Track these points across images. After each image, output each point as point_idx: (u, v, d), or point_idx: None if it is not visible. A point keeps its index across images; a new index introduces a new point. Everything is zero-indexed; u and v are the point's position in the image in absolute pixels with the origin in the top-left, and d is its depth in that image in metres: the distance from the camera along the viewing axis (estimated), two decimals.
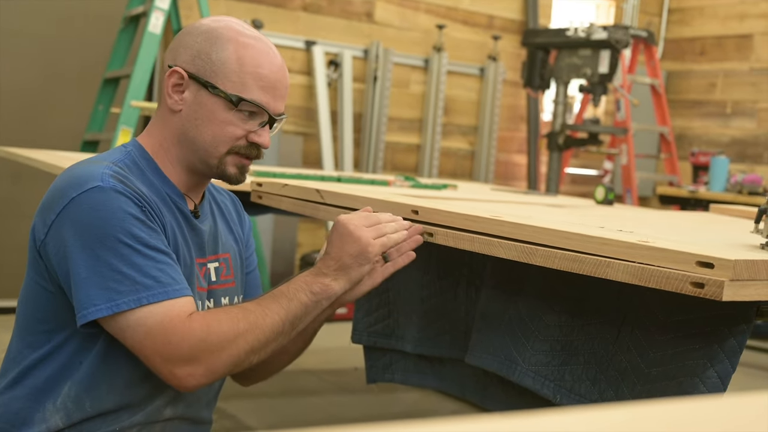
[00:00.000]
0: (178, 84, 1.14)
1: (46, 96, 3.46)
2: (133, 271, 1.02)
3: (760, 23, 4.70)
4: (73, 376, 1.08)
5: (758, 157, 4.68)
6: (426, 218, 1.32)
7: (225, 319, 1.04)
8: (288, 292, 1.09)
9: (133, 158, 1.14)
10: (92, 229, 1.03)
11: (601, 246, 1.04)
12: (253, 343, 1.04)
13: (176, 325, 1.02)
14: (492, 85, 4.42)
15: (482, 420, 0.37)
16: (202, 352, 1.02)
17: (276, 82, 1.15)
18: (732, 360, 0.99)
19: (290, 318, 1.07)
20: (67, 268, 1.04)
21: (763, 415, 0.42)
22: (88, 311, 1.02)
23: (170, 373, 1.02)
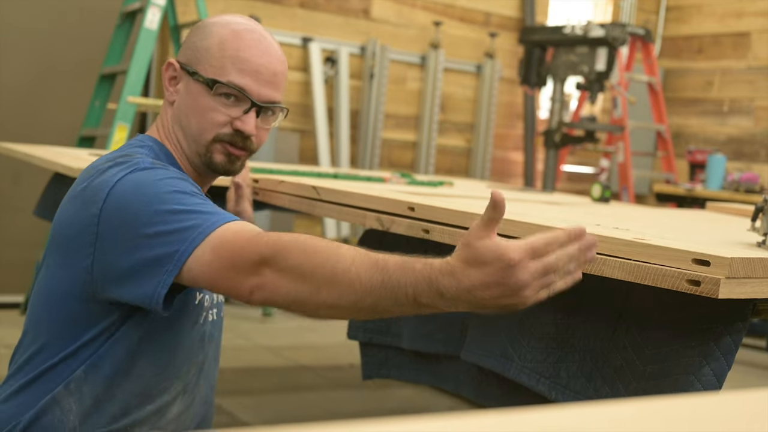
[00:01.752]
0: (173, 77, 1.15)
1: (42, 91, 3.45)
2: (194, 206, 0.97)
3: (758, 21, 4.70)
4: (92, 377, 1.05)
5: (755, 155, 4.68)
6: (422, 215, 1.32)
7: (304, 240, 0.91)
8: (392, 272, 0.86)
9: (156, 153, 1.13)
10: (141, 198, 0.99)
11: (598, 243, 1.04)
12: (322, 287, 0.88)
13: (241, 234, 0.94)
14: (489, 82, 4.42)
15: (478, 416, 0.37)
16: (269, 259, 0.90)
17: (258, 65, 1.12)
18: (728, 358, 0.99)
19: (373, 298, 0.86)
20: (126, 249, 0.98)
21: (758, 413, 0.42)
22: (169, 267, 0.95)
23: (237, 283, 0.92)
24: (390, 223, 1.37)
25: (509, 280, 0.81)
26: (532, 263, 0.82)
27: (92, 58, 3.43)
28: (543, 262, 0.82)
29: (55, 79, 3.47)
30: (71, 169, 1.93)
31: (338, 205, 1.48)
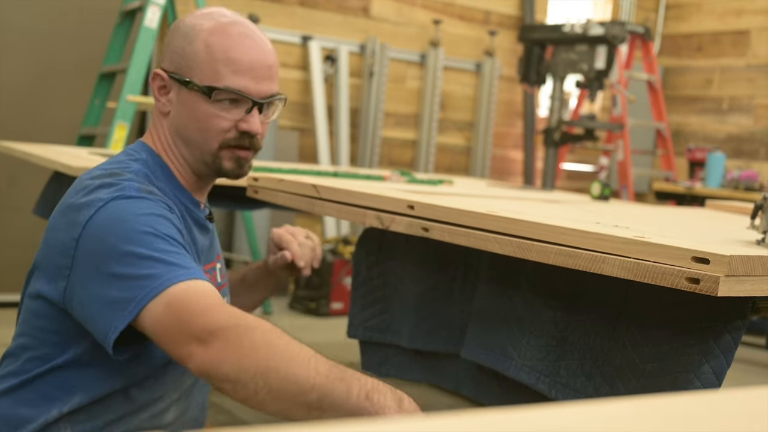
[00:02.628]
0: (162, 86, 1.12)
1: (41, 90, 3.45)
2: (161, 254, 0.94)
3: (757, 19, 4.70)
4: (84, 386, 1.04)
5: (754, 153, 4.68)
6: (422, 213, 1.32)
7: (267, 328, 0.90)
8: (348, 372, 0.89)
9: (149, 166, 1.10)
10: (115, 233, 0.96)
11: (597, 241, 1.04)
12: (271, 369, 0.87)
13: (199, 300, 0.91)
14: (488, 80, 4.42)
15: (477, 415, 0.37)
16: (223, 332, 0.88)
17: (252, 63, 1.08)
18: (727, 356, 0.99)
19: (323, 391, 0.87)
20: (88, 287, 0.97)
21: (758, 411, 0.42)
22: (122, 315, 0.93)
23: (183, 346, 0.90)
24: (390, 221, 1.37)
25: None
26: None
27: (92, 56, 3.43)
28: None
29: (55, 77, 3.47)
30: (71, 167, 1.93)
31: (338, 203, 1.49)
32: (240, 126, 1.10)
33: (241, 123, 1.10)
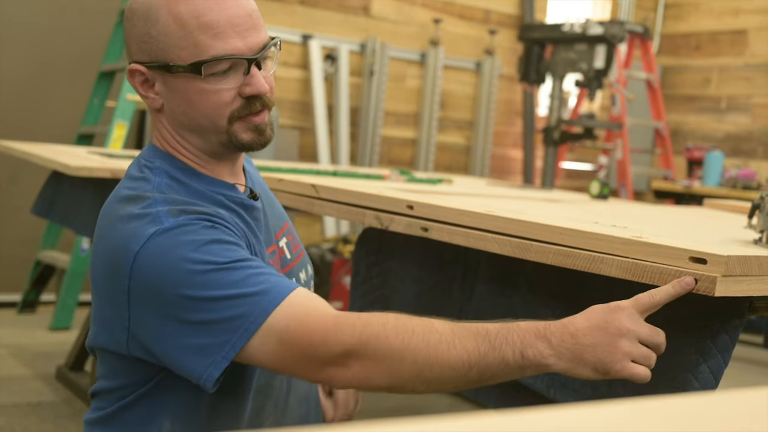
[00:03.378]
0: (144, 80, 0.99)
1: (40, 89, 3.45)
2: (238, 288, 0.87)
3: (755, 19, 4.70)
4: (171, 409, 0.96)
5: (752, 152, 4.69)
6: (421, 213, 1.32)
7: (394, 327, 0.85)
8: (493, 338, 0.86)
9: (168, 173, 0.99)
10: (171, 279, 0.87)
11: (595, 242, 1.04)
12: (424, 367, 0.84)
13: (311, 324, 0.86)
14: (488, 79, 4.42)
15: (477, 416, 0.37)
16: (356, 352, 0.84)
17: (231, 18, 0.94)
18: (724, 355, 0.99)
19: (481, 367, 0.85)
20: (161, 334, 0.89)
21: (756, 411, 0.43)
22: (216, 359, 0.87)
23: (319, 373, 0.86)
24: (389, 221, 1.38)
25: (612, 323, 0.87)
26: (639, 317, 0.88)
27: (91, 55, 3.43)
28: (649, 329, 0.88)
29: (54, 76, 3.47)
30: (69, 167, 1.93)
31: (337, 203, 1.49)
32: (244, 91, 0.97)
33: (244, 88, 0.96)
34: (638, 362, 0.86)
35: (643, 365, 0.87)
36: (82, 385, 2.34)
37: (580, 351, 0.86)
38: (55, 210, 2.35)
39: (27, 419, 2.18)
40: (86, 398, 2.31)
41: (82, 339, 2.43)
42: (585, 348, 0.86)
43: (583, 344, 0.86)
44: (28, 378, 2.50)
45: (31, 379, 2.49)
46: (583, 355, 0.86)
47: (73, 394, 2.37)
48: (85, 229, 2.23)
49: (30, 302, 3.20)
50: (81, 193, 2.23)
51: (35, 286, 3.17)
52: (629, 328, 0.87)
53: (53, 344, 2.85)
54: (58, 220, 2.39)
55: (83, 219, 2.21)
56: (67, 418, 2.21)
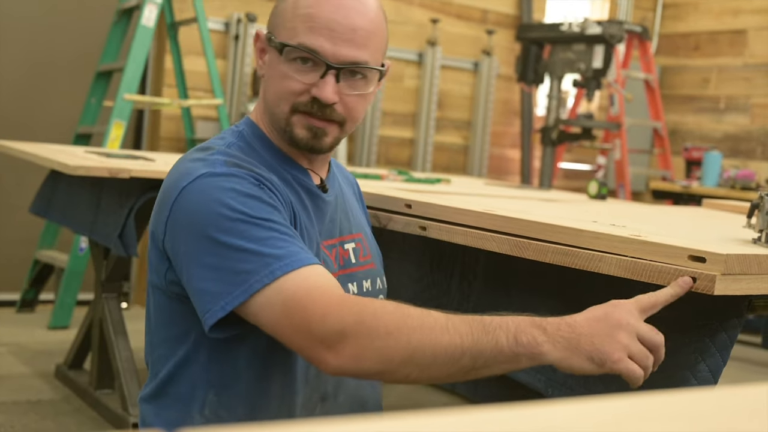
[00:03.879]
0: (261, 48, 1.05)
1: (38, 89, 3.45)
2: (257, 245, 0.88)
3: (754, 19, 4.71)
4: (214, 381, 0.98)
5: (751, 152, 4.69)
6: (419, 212, 1.32)
7: (392, 309, 0.86)
8: (487, 324, 0.85)
9: (246, 138, 1.03)
10: (202, 216, 0.91)
11: (594, 240, 1.04)
12: (416, 349, 0.83)
13: (315, 296, 0.86)
14: (486, 79, 4.42)
15: (474, 412, 0.37)
16: (351, 331, 0.84)
17: (332, 21, 0.97)
18: (723, 354, 0.99)
19: (474, 352, 0.84)
20: (185, 268, 0.93)
21: (754, 408, 0.43)
22: (213, 309, 0.89)
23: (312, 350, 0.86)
24: (387, 220, 1.38)
25: (611, 315, 0.86)
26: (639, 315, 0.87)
27: (89, 55, 3.42)
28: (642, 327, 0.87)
29: (52, 76, 3.47)
30: (67, 166, 1.93)
31: None
32: (312, 91, 0.99)
33: (313, 88, 0.99)
34: (635, 359, 0.85)
35: (639, 365, 0.85)
36: (81, 384, 2.34)
37: (577, 339, 0.84)
38: (53, 209, 2.34)
39: (26, 416, 2.18)
40: (85, 396, 2.31)
41: (81, 337, 2.43)
42: (581, 337, 0.84)
43: (580, 333, 0.84)
44: (27, 376, 2.49)
45: (31, 377, 2.48)
46: (580, 344, 0.84)
47: (72, 392, 2.37)
48: (82, 228, 2.22)
49: (28, 301, 3.19)
50: (79, 193, 2.23)
51: (34, 285, 3.17)
52: (629, 322, 0.86)
53: (52, 343, 2.85)
54: (56, 219, 2.39)
55: (81, 218, 2.20)
56: (66, 416, 2.21)
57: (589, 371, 0.84)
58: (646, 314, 0.89)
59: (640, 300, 0.89)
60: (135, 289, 3.60)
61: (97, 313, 2.29)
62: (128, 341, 2.22)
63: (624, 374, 0.84)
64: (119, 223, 2.03)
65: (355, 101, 1.02)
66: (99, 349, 2.26)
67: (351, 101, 1.01)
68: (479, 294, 1.35)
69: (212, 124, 3.56)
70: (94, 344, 2.29)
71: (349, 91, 1.00)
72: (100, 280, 2.27)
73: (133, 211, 2.02)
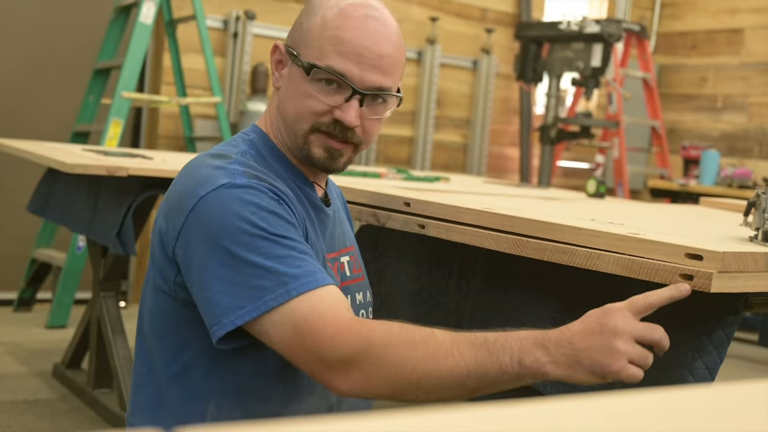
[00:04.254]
0: (279, 60, 1.06)
1: (35, 86, 3.44)
2: (274, 263, 0.89)
3: (751, 18, 4.71)
4: (216, 391, 0.98)
5: (748, 151, 4.70)
6: (418, 210, 1.32)
7: (398, 336, 0.87)
8: (491, 345, 0.86)
9: (257, 147, 1.04)
10: (221, 227, 0.90)
11: (592, 238, 1.04)
12: (423, 376, 0.85)
13: (327, 319, 0.87)
14: (485, 78, 4.42)
15: (471, 410, 0.37)
16: (359, 358, 0.86)
17: (361, 47, 0.99)
18: (720, 351, 0.99)
19: (479, 374, 0.86)
20: (197, 277, 0.92)
21: (751, 405, 0.43)
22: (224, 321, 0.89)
23: (321, 373, 0.88)
24: (386, 218, 1.38)
25: (606, 326, 0.86)
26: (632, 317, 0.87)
27: (86, 52, 3.42)
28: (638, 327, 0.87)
29: (49, 74, 3.46)
30: (64, 164, 1.93)
31: None
32: (335, 113, 1.01)
33: (336, 110, 1.01)
34: (635, 362, 0.86)
35: (639, 366, 0.86)
36: (79, 383, 2.33)
37: (577, 355, 0.85)
38: (51, 208, 2.34)
39: (23, 416, 2.18)
40: (82, 395, 2.30)
41: (79, 336, 2.43)
42: (581, 352, 0.85)
43: (579, 348, 0.85)
44: (24, 375, 2.49)
45: (28, 377, 2.48)
46: (580, 359, 0.85)
47: (70, 392, 2.37)
48: (80, 227, 2.22)
49: (26, 300, 3.19)
50: (76, 191, 2.22)
51: (31, 284, 3.16)
52: (624, 329, 0.86)
53: (50, 342, 2.85)
54: (53, 218, 2.39)
55: (78, 217, 2.20)
56: (63, 415, 2.21)
57: (594, 382, 0.86)
58: (640, 315, 0.89)
59: (634, 301, 0.89)
60: (133, 288, 3.60)
61: (95, 312, 2.28)
62: (126, 340, 2.22)
63: (625, 380, 0.86)
64: (117, 222, 2.02)
65: (374, 125, 1.05)
66: (97, 349, 2.26)
67: (370, 125, 1.04)
68: (478, 292, 1.35)
69: (211, 122, 3.56)
70: (91, 343, 2.29)
71: (369, 115, 1.03)
72: (98, 278, 2.27)
73: (131, 210, 2.02)
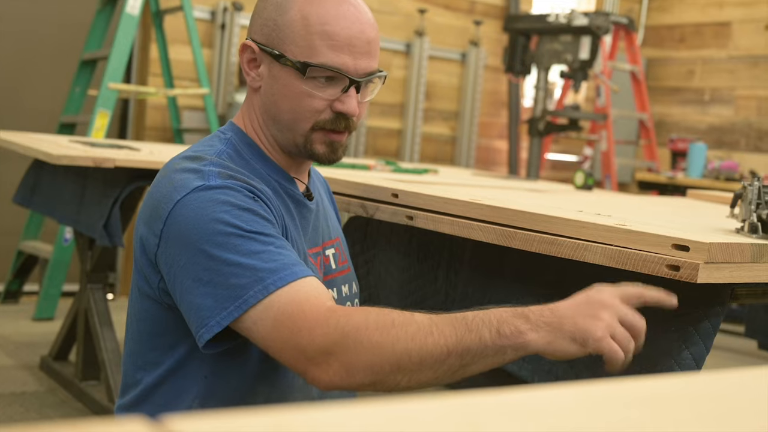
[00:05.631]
0: (252, 59, 1.04)
1: (21, 77, 3.41)
2: (251, 259, 0.89)
3: (738, 11, 4.73)
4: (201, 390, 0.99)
5: (735, 143, 4.73)
6: (406, 202, 1.32)
7: (376, 319, 0.86)
8: (470, 321, 0.86)
9: (235, 146, 1.03)
10: (198, 230, 0.91)
11: (579, 229, 1.05)
12: (403, 356, 0.84)
13: (305, 309, 0.87)
14: (473, 70, 4.42)
15: (458, 397, 0.37)
16: (338, 347, 0.85)
17: (350, 38, 0.99)
18: (706, 342, 1.00)
19: (460, 350, 0.84)
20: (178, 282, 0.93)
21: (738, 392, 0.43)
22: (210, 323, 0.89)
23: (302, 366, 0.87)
24: (374, 209, 1.38)
25: (593, 297, 0.86)
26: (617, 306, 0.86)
27: (73, 43, 3.39)
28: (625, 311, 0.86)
29: (35, 65, 3.43)
30: (51, 155, 1.91)
31: None
32: (335, 106, 1.01)
33: (336, 103, 1.01)
34: (617, 340, 0.84)
35: (621, 347, 0.85)
36: (66, 375, 2.32)
37: (559, 322, 0.84)
38: (37, 199, 2.32)
39: (11, 408, 2.17)
40: (70, 388, 2.29)
41: (66, 329, 2.41)
42: (564, 319, 0.84)
43: (562, 315, 0.85)
44: (11, 368, 2.48)
45: (15, 369, 2.47)
46: (562, 326, 0.84)
47: (58, 384, 2.36)
48: (66, 219, 2.21)
49: (13, 292, 3.17)
50: (62, 183, 2.21)
51: (18, 276, 3.14)
52: (612, 303, 0.86)
53: (37, 334, 2.83)
54: (39, 210, 2.37)
55: (65, 208, 2.19)
56: (51, 408, 2.20)
57: (573, 352, 0.84)
58: (628, 302, 0.88)
59: (624, 288, 0.89)
60: (121, 280, 3.58)
61: (82, 304, 2.27)
62: (114, 332, 2.21)
63: (606, 353, 0.84)
64: (104, 213, 2.01)
65: (364, 108, 1.06)
66: (84, 341, 2.25)
67: (362, 109, 1.05)
68: (466, 283, 1.35)
69: (198, 113, 3.54)
70: (79, 335, 2.28)
71: (362, 99, 1.04)
72: (86, 270, 2.26)
73: (119, 201, 2.01)
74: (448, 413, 0.35)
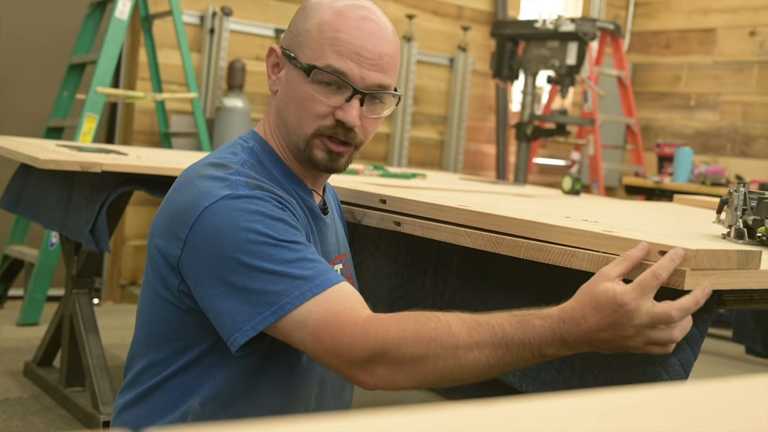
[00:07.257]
0: (275, 63, 1.06)
1: (8, 81, 3.38)
2: (286, 267, 0.90)
3: (723, 18, 4.77)
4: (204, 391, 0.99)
5: (721, 148, 4.77)
6: (394, 207, 1.32)
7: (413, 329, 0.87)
8: (510, 341, 0.87)
9: (257, 155, 1.03)
10: (229, 239, 0.91)
11: (567, 236, 1.05)
12: (444, 372, 0.87)
13: (342, 321, 0.88)
14: (461, 75, 4.44)
15: (449, 408, 0.37)
16: (379, 358, 0.87)
17: (360, 47, 0.99)
18: (694, 348, 1.01)
19: (501, 367, 0.88)
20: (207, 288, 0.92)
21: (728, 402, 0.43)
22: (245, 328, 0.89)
23: (345, 371, 0.90)
24: (362, 215, 1.38)
25: (622, 323, 0.86)
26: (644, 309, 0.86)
27: (61, 47, 3.37)
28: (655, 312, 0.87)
29: (23, 68, 3.41)
30: (38, 160, 1.90)
31: None
32: (336, 114, 1.01)
33: (338, 111, 1.01)
34: (657, 342, 0.88)
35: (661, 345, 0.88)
36: (51, 381, 2.30)
37: (598, 345, 0.88)
38: (23, 203, 2.30)
39: None
40: (54, 394, 2.27)
41: (51, 334, 2.39)
42: (601, 342, 0.88)
43: (599, 339, 0.88)
44: None
45: None
46: (603, 346, 0.89)
47: (42, 390, 2.33)
48: (52, 223, 2.19)
49: None
50: (49, 187, 2.19)
51: (3, 281, 3.11)
52: (635, 309, 0.86)
53: (21, 340, 2.80)
54: (25, 214, 2.35)
55: (51, 213, 2.17)
56: (34, 415, 2.18)
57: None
58: (652, 293, 0.87)
59: (643, 283, 0.87)
60: (106, 285, 3.56)
61: (67, 309, 2.25)
62: (99, 338, 2.19)
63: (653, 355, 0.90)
64: (90, 218, 2.00)
65: (372, 124, 1.05)
66: (69, 346, 2.23)
67: (369, 124, 1.05)
68: (453, 290, 1.35)
69: (186, 117, 3.52)
70: (64, 341, 2.26)
71: (369, 114, 1.03)
72: (71, 275, 2.24)
73: (105, 206, 2.00)
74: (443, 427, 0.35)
